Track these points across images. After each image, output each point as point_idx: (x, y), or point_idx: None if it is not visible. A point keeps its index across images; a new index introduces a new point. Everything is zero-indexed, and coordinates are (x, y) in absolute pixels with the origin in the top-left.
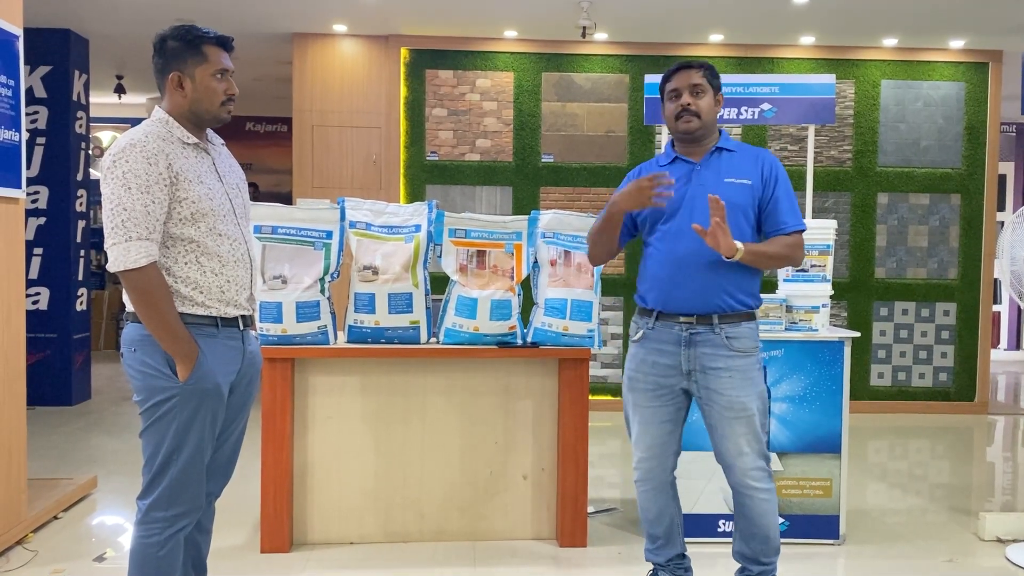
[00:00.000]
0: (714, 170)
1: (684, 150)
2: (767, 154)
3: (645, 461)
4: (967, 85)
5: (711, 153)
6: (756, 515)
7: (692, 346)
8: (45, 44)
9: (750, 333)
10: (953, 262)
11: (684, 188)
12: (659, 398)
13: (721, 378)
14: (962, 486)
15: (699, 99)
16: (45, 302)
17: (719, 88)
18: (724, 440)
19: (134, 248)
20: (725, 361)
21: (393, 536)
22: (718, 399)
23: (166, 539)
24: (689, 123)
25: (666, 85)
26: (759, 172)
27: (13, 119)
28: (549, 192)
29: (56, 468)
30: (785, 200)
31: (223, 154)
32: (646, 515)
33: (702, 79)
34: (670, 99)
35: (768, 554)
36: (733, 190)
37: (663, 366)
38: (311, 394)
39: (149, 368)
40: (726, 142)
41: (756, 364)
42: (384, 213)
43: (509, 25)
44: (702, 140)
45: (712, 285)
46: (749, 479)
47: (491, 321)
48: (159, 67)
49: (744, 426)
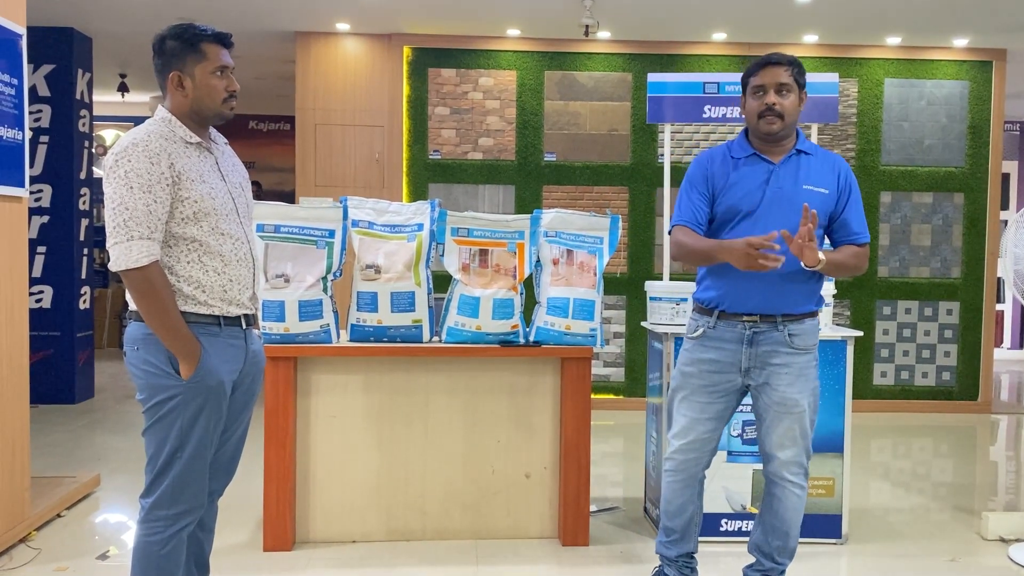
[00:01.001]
0: (792, 174)
1: (762, 147)
2: (843, 162)
3: (682, 453)
4: (971, 84)
5: (790, 155)
6: (784, 509)
7: (754, 344)
8: (48, 43)
9: (812, 329)
10: (956, 261)
11: (762, 189)
12: (712, 395)
13: (779, 374)
14: (965, 485)
15: (785, 99)
16: (48, 300)
17: (804, 85)
18: (770, 432)
19: (136, 247)
20: (784, 357)
21: (395, 535)
22: (772, 393)
23: (168, 537)
24: (772, 124)
25: (750, 79)
26: (836, 181)
27: (16, 118)
28: (552, 191)
29: (59, 466)
30: (857, 211)
31: (227, 153)
32: (668, 507)
33: (789, 78)
34: (754, 95)
35: (783, 554)
36: (811, 198)
37: (722, 363)
38: (314, 393)
39: (152, 367)
40: (804, 144)
41: (813, 360)
42: (387, 212)
43: (512, 24)
44: (782, 140)
45: (783, 290)
46: (786, 472)
47: (493, 320)
48: (159, 68)
49: (793, 421)
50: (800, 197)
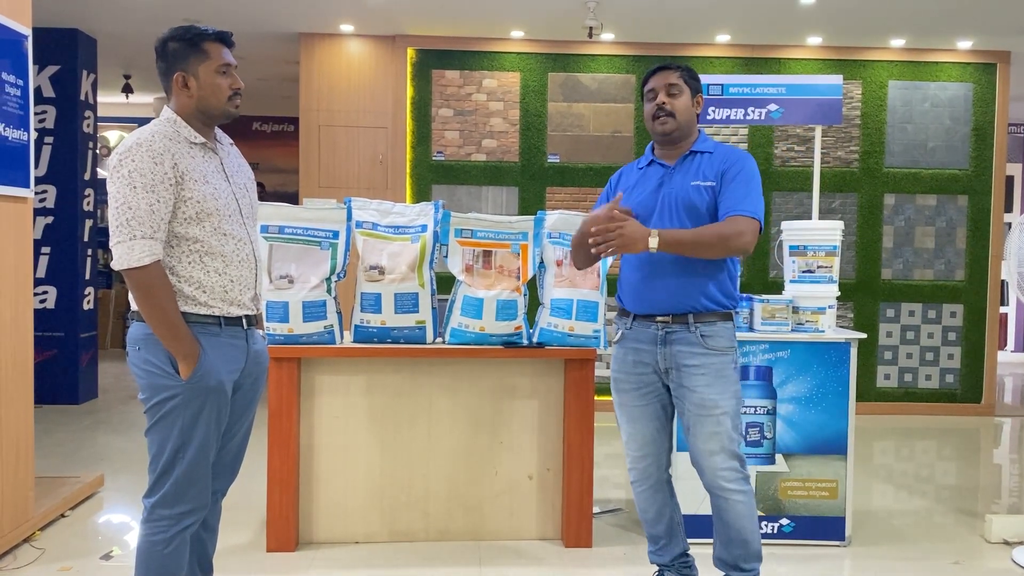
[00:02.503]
0: (684, 174)
1: (661, 153)
2: (735, 152)
3: (639, 460)
4: (975, 86)
5: (685, 156)
6: (731, 518)
7: (668, 344)
8: (53, 44)
9: (725, 332)
10: (960, 263)
11: (656, 193)
12: (643, 396)
13: (694, 375)
14: (969, 488)
15: (675, 99)
16: (52, 301)
17: (698, 90)
18: (696, 440)
19: (138, 246)
20: (699, 359)
21: (398, 536)
22: (690, 396)
23: (171, 537)
24: (664, 124)
25: (644, 87)
26: (720, 170)
27: (22, 118)
28: (555, 192)
29: (63, 466)
30: (734, 189)
31: (232, 154)
32: (645, 515)
33: (678, 79)
34: (648, 100)
35: (748, 559)
36: (697, 193)
37: (643, 364)
38: (317, 394)
39: (152, 366)
40: (703, 144)
41: (731, 363)
42: (390, 213)
43: (515, 25)
44: (679, 142)
45: (684, 286)
46: (721, 480)
47: (497, 321)
48: (163, 70)
49: (715, 424)
50: (689, 195)
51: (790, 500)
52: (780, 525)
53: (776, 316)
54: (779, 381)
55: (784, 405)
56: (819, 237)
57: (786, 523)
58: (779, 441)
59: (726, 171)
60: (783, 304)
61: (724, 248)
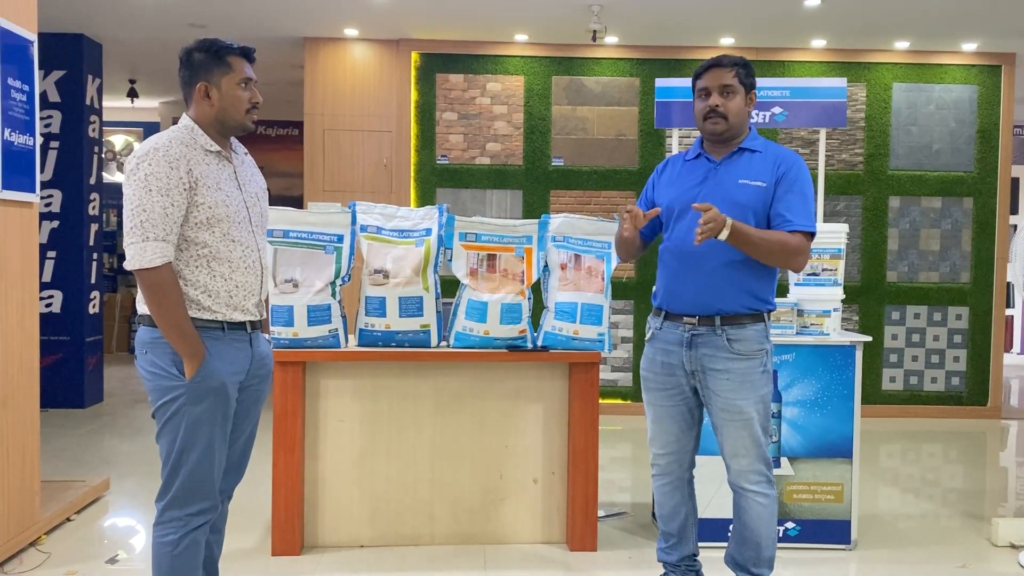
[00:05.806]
0: (731, 170)
1: (709, 148)
2: (789, 155)
3: (662, 457)
4: (979, 88)
5: (733, 153)
6: (750, 519)
7: (693, 347)
8: (59, 49)
9: (755, 336)
10: (965, 266)
11: (699, 187)
12: (671, 397)
13: (719, 380)
14: (975, 491)
15: (728, 100)
16: (58, 305)
17: (752, 86)
18: (723, 440)
19: (150, 248)
20: (724, 363)
21: (403, 539)
22: (716, 400)
23: (180, 538)
24: (716, 125)
25: (696, 82)
26: (774, 173)
27: (27, 123)
28: (559, 196)
29: (69, 470)
30: (790, 199)
31: (246, 164)
32: (661, 510)
33: (733, 79)
34: (699, 97)
35: (758, 564)
36: (745, 192)
37: (670, 365)
38: (322, 397)
39: (158, 368)
40: (752, 142)
41: (759, 367)
42: (395, 217)
43: (519, 29)
44: (730, 141)
45: (716, 286)
46: (744, 481)
47: (501, 325)
48: (186, 79)
49: (740, 428)
50: (735, 192)
51: (796, 503)
52: (786, 528)
53: (781, 319)
54: (784, 384)
55: (789, 408)
56: (824, 240)
57: (792, 526)
58: (784, 444)
59: (783, 176)
60: (788, 307)
61: (784, 260)
